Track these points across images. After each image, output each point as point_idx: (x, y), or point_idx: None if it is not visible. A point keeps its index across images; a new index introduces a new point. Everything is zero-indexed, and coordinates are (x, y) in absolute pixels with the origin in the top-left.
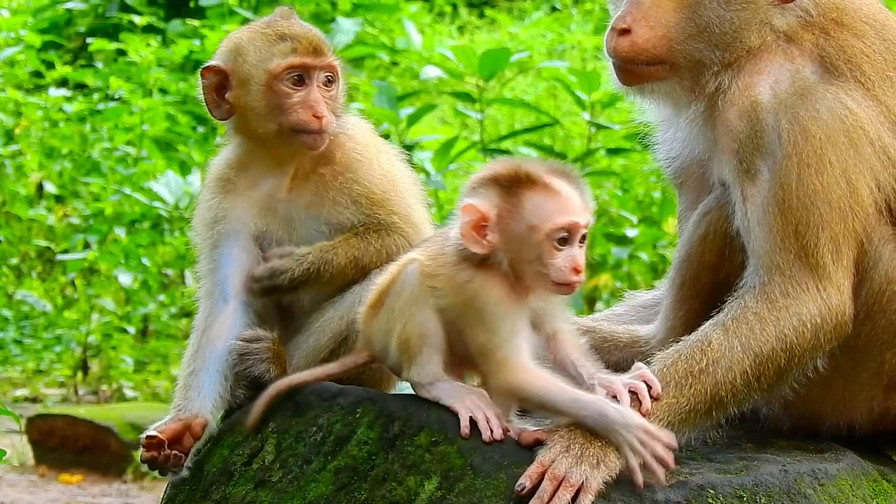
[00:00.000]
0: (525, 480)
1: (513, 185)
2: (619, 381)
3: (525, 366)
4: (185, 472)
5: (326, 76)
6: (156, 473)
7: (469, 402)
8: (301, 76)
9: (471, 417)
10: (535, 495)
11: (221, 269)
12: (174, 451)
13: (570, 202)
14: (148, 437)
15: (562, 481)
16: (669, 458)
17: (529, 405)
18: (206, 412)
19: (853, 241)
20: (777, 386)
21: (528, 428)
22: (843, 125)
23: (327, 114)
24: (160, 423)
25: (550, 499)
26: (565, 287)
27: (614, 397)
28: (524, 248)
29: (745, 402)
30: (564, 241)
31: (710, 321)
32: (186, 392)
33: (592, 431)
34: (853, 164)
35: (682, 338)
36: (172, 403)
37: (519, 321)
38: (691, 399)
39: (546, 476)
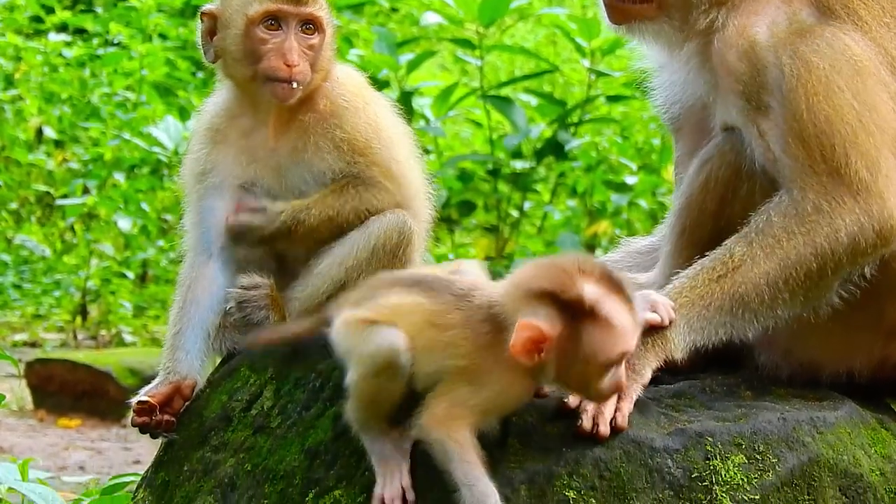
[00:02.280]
0: (570, 396)
1: (574, 314)
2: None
3: (465, 436)
4: (175, 435)
5: (306, 25)
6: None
7: (388, 475)
8: (278, 22)
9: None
10: (581, 408)
11: (205, 222)
12: (165, 416)
13: (626, 332)
14: (139, 402)
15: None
16: None
17: (437, 457)
18: (194, 372)
19: (887, 152)
20: (814, 291)
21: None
22: (844, 56)
23: (300, 63)
24: (150, 388)
25: (596, 410)
26: (602, 398)
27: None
28: (574, 372)
29: (776, 305)
30: (612, 366)
31: (734, 236)
32: (174, 353)
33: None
34: (863, 88)
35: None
36: (161, 365)
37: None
38: (706, 296)
39: None
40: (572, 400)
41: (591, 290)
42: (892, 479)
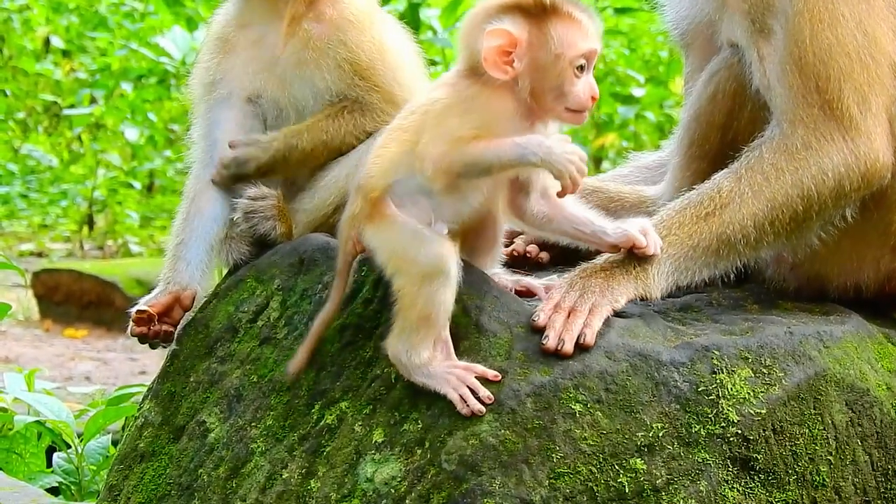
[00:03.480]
0: (539, 315)
1: (538, 13)
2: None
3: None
4: (175, 345)
5: None
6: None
7: (454, 381)
8: None
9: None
10: (548, 325)
11: (213, 134)
12: (164, 326)
13: (590, 29)
14: (138, 311)
15: (570, 312)
16: (583, 171)
17: (474, 171)
18: (194, 283)
19: (879, 87)
20: (797, 233)
21: (524, 279)
22: None
23: None
24: (150, 297)
25: (562, 328)
26: (579, 114)
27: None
28: (547, 76)
29: (760, 246)
30: (582, 69)
31: (724, 170)
32: (176, 263)
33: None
34: (867, 15)
35: (694, 186)
36: (161, 275)
37: (512, 131)
38: (694, 235)
39: (555, 309)
40: (541, 318)
41: None
42: None
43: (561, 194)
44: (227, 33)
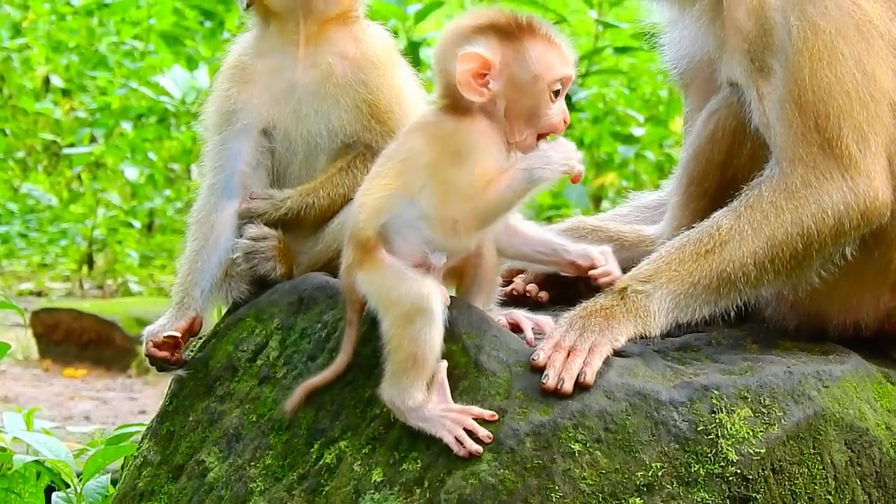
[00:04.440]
0: (538, 354)
1: (515, 34)
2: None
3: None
4: (183, 372)
5: None
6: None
7: (449, 425)
8: None
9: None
10: (548, 364)
11: (229, 165)
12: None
13: (567, 55)
14: (168, 336)
15: (570, 351)
16: (580, 157)
17: (500, 213)
18: (205, 311)
19: (879, 126)
20: (797, 271)
21: (514, 312)
22: (852, 19)
23: None
24: (168, 322)
25: (562, 367)
26: (546, 139)
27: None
28: (524, 96)
29: (760, 284)
30: (557, 94)
31: (723, 209)
32: (192, 289)
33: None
34: (866, 54)
35: (693, 225)
36: (175, 299)
37: (501, 157)
38: (695, 273)
39: (555, 348)
40: (541, 357)
41: (524, 15)
42: None
43: (575, 180)
44: (244, 62)
